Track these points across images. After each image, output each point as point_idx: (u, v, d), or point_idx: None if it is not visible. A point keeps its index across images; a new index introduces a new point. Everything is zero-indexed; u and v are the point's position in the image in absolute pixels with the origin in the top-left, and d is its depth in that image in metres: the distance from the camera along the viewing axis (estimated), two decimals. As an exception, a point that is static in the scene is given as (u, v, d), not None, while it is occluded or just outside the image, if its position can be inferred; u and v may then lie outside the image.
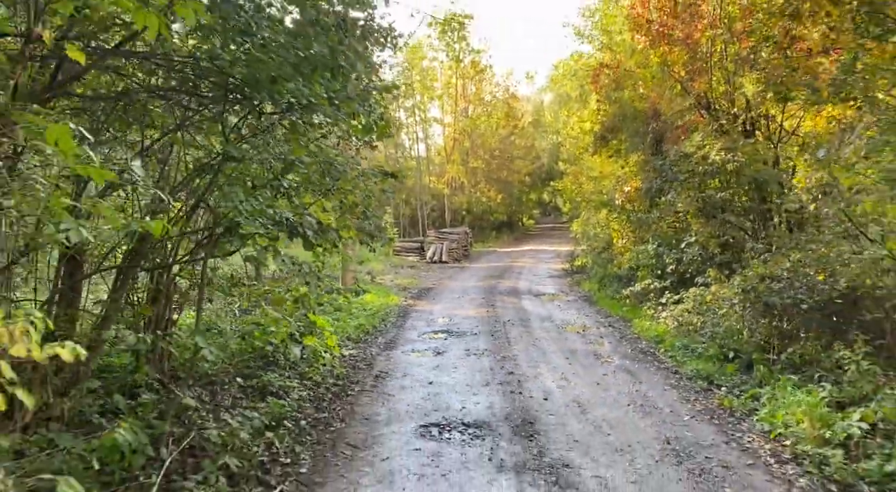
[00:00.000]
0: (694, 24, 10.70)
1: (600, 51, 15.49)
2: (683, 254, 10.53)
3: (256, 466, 5.03)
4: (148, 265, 5.75)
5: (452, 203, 39.02)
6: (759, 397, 6.57)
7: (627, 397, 7.05)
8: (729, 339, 8.26)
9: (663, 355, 8.96)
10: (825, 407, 5.74)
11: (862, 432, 5.17)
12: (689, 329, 9.24)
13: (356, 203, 6.48)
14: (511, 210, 45.73)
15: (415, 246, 28.86)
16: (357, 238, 7.17)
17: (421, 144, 39.90)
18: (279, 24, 5.16)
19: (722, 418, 6.34)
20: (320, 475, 4.97)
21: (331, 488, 4.73)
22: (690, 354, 8.54)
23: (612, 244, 15.71)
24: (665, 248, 11.19)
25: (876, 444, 5.02)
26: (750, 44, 8.54)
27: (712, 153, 9.76)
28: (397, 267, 23.50)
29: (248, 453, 5.15)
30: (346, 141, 6.60)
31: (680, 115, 11.06)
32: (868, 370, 5.98)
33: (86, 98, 5.73)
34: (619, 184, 14.46)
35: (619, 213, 14.26)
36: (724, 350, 8.17)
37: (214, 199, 5.76)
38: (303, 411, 6.47)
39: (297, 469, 5.08)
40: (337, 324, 10.37)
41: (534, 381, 7.69)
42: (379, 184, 7.69)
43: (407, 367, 8.47)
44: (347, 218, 6.71)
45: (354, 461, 5.24)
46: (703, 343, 8.68)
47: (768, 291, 7.58)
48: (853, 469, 4.79)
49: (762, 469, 5.09)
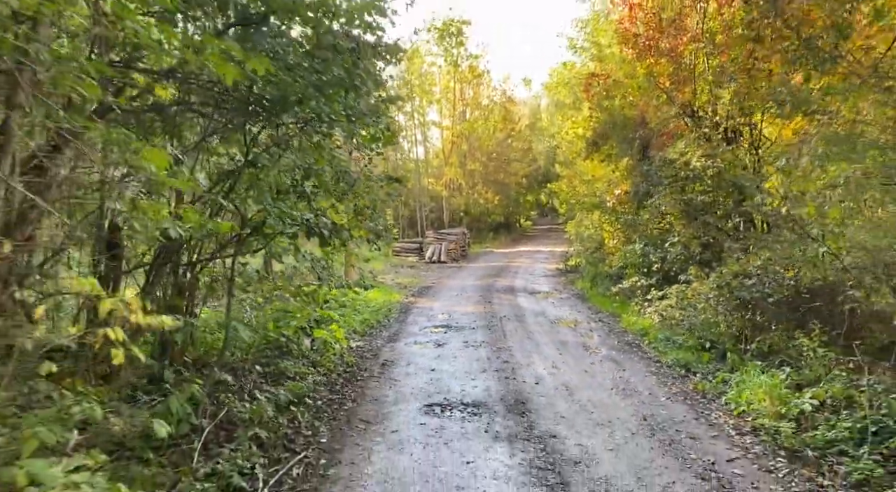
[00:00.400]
0: (678, 38, 11.44)
1: (592, 61, 16.25)
2: (667, 253, 11.28)
3: (282, 436, 5.74)
4: (185, 262, 6.42)
5: (450, 204, 39.75)
6: (729, 381, 7.30)
7: (611, 382, 7.78)
8: (706, 331, 9.01)
9: (647, 347, 9.70)
10: (784, 388, 6.47)
11: (812, 408, 5.90)
12: (672, 323, 9.97)
13: (367, 206, 7.19)
14: (508, 211, 46.50)
15: (414, 246, 29.59)
16: (365, 237, 7.91)
17: (419, 147, 40.68)
18: (301, 48, 5.86)
19: (694, 400, 7.07)
20: (338, 444, 5.68)
21: (348, 453, 5.45)
22: (671, 346, 9.28)
23: (603, 244, 16.46)
24: (651, 247, 11.94)
25: (823, 417, 5.75)
26: (728, 58, 9.27)
27: (693, 159, 10.51)
28: (397, 267, 24.22)
29: (274, 426, 5.87)
30: (360, 152, 7.31)
31: (665, 122, 11.80)
32: (823, 356, 6.72)
33: (125, 111, 6.45)
34: (611, 187, 15.21)
35: (610, 214, 15.01)
36: (702, 341, 8.91)
37: (241, 202, 6.48)
38: (318, 393, 7.18)
39: (318, 439, 5.80)
40: (343, 319, 11.08)
41: (527, 368, 8.41)
42: (385, 188, 8.44)
43: (410, 357, 9.19)
44: (358, 219, 7.43)
45: (367, 433, 5.96)
46: (683, 335, 9.42)
47: (740, 286, 8.33)
48: (801, 438, 5.52)
49: (724, 440, 5.81)
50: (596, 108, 14.52)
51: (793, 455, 5.36)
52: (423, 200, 37.70)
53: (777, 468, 5.14)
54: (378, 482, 4.85)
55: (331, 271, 9.55)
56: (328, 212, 6.74)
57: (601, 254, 16.38)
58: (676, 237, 11.01)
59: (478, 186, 40.93)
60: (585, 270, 17.49)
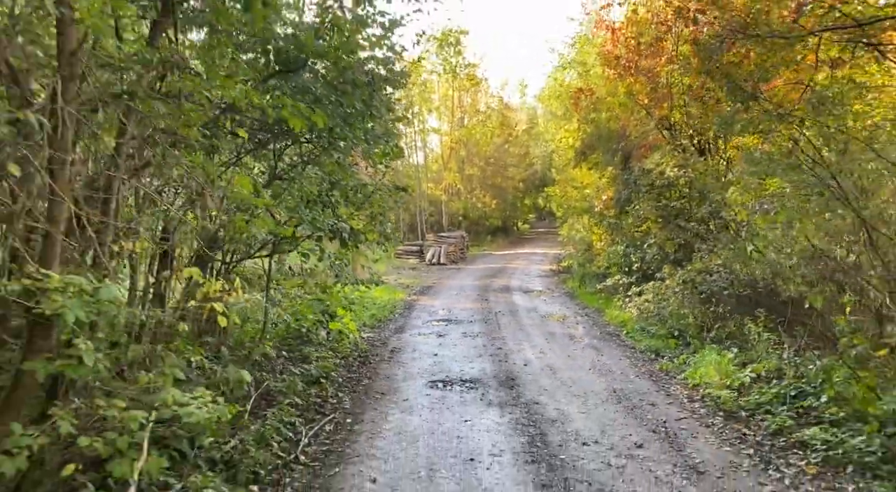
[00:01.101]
0: (655, 60, 12.70)
1: (580, 77, 17.53)
2: (646, 253, 12.54)
3: (313, 404, 6.98)
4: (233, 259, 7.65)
5: (449, 208, 41.02)
6: (688, 362, 8.55)
7: (590, 364, 9.02)
8: (675, 321, 10.27)
9: (625, 336, 10.95)
10: (731, 365, 7.73)
11: (750, 379, 7.17)
12: (647, 315, 11.22)
13: (380, 213, 8.45)
14: (506, 215, 47.77)
15: (415, 249, 30.84)
16: (377, 239, 9.17)
17: (419, 153, 41.92)
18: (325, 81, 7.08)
19: (658, 377, 8.32)
20: (360, 409, 6.93)
21: (369, 415, 6.69)
22: (646, 335, 10.53)
23: (592, 246, 17.72)
24: (632, 248, 13.20)
25: (757, 386, 7.00)
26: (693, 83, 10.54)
27: (668, 170, 11.77)
28: (399, 268, 25.44)
29: (306, 396, 7.10)
30: (375, 168, 8.57)
31: (644, 135, 13.06)
32: (766, 339, 7.98)
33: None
34: (598, 193, 16.47)
35: (597, 218, 16.27)
36: (671, 330, 10.16)
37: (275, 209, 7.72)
38: (338, 372, 8.42)
39: (343, 406, 7.04)
40: (353, 314, 12.30)
41: (517, 354, 9.66)
42: (392, 195, 9.70)
43: (415, 345, 10.43)
44: (371, 224, 8.68)
45: (383, 401, 7.20)
46: (656, 326, 10.67)
47: (703, 282, 9.60)
48: (738, 402, 6.77)
49: (677, 405, 7.06)
50: (583, 121, 15.80)
51: (729, 415, 6.60)
52: (423, 205, 38.92)
53: (714, 424, 6.39)
54: (394, 434, 6.10)
55: (346, 270, 10.73)
56: (347, 218, 7.99)
57: (590, 255, 17.65)
58: (653, 239, 12.26)
59: (476, 190, 42.22)
60: (575, 271, 18.76)
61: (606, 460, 5.42)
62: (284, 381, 7.39)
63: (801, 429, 5.82)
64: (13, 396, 3.57)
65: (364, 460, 5.48)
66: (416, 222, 37.97)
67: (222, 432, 5.02)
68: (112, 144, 4.45)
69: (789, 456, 5.46)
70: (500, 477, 5.09)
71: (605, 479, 5.04)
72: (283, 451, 5.53)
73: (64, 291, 3.26)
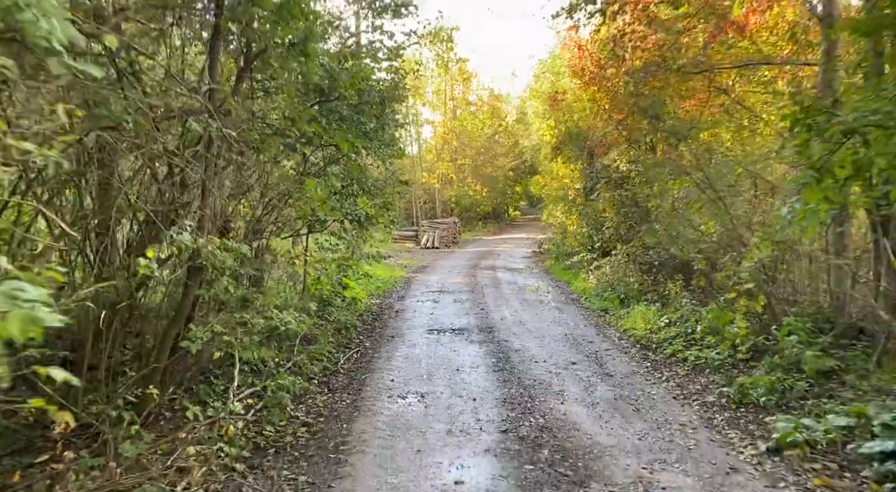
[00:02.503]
0: (615, 71, 15.18)
1: (552, 85, 20.01)
2: (604, 234, 15.10)
3: (343, 343, 9.52)
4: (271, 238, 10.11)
5: (443, 196, 43.49)
6: (625, 315, 11.14)
7: (551, 319, 11.59)
8: (622, 287, 12.85)
9: (584, 301, 13.54)
10: (653, 316, 10.32)
11: (663, 324, 9.75)
12: (603, 284, 13.80)
13: (389, 202, 10.95)
14: (496, 202, 50.24)
15: (410, 234, 33.35)
16: (386, 222, 11.68)
17: (414, 145, 44.29)
18: (351, 105, 9.52)
19: (601, 327, 10.90)
20: (377, 345, 9.48)
21: (384, 349, 9.24)
22: (599, 298, 13.12)
23: (566, 230, 20.29)
24: (594, 230, 15.75)
25: (666, 328, 9.59)
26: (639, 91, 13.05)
27: (622, 165, 14.30)
28: (397, 251, 27.92)
29: (337, 338, 9.64)
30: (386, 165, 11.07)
31: (605, 136, 15.56)
32: (680, 294, 10.56)
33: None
34: (571, 184, 18.99)
35: (570, 206, 18.81)
36: (619, 294, 12.75)
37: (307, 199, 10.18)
38: (356, 325, 10.96)
39: (364, 344, 9.60)
40: (362, 286, 14.82)
41: (496, 312, 12.23)
42: (397, 187, 12.19)
43: (415, 307, 12.98)
44: (381, 211, 11.18)
45: (393, 342, 9.75)
46: (608, 292, 13.26)
47: (642, 255, 12.17)
48: (650, 338, 9.36)
49: (608, 342, 9.65)
50: (558, 121, 18.28)
51: (642, 346, 9.20)
52: (418, 193, 41.34)
53: (630, 352, 8.98)
54: (403, 358, 8.66)
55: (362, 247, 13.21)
56: (363, 206, 10.48)
57: (564, 237, 20.22)
58: (610, 222, 14.82)
59: (468, 179, 44.68)
60: (552, 251, 21.34)
61: (549, 370, 8.00)
62: (319, 328, 9.93)
63: (685, 351, 8.41)
64: (182, 308, 6.06)
65: (384, 371, 8.04)
66: (412, 209, 40.41)
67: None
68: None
69: (672, 367, 8.06)
70: (476, 378, 7.66)
71: (546, 378, 7.62)
72: (328, 365, 8.09)
73: (220, 248, 5.74)
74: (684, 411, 6.37)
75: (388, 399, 6.87)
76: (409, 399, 6.86)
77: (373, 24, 10.09)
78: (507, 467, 5.03)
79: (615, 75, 14.80)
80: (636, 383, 7.46)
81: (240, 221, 9.24)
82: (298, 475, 4.92)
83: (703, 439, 5.59)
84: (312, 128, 6.86)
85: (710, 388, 7.05)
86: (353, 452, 5.40)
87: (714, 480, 4.75)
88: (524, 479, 4.80)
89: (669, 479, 4.77)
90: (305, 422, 6.11)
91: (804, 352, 6.42)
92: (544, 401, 6.73)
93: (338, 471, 5.01)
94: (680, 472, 4.90)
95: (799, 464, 4.91)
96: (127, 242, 6.06)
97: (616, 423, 6.04)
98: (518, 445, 5.49)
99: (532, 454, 5.28)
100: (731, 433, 5.71)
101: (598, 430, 5.85)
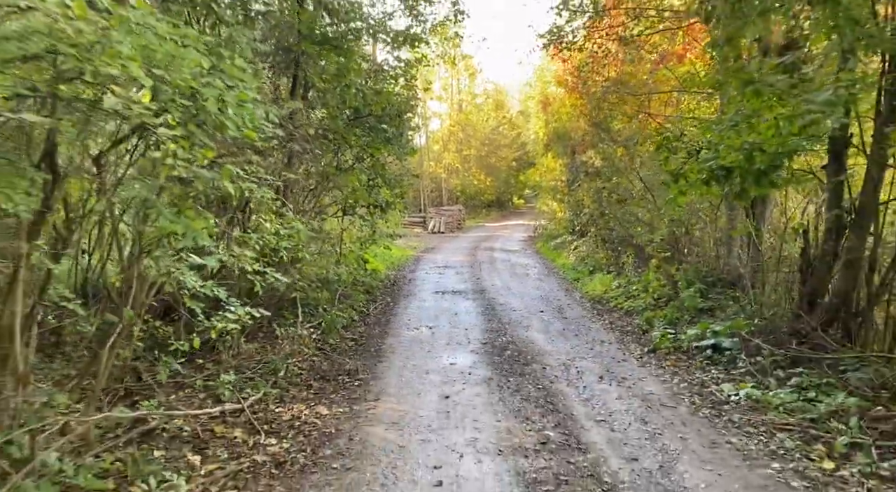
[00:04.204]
0: (593, 81, 18.05)
1: (541, 92, 22.88)
2: (582, 219, 18.06)
3: (370, 299, 12.57)
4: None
5: (449, 185, 46.45)
6: (588, 282, 14.14)
7: (533, 286, 14.61)
8: (591, 261, 15.84)
9: (562, 273, 16.55)
10: (609, 281, 13.32)
11: (615, 287, 12.75)
12: (578, 260, 16.79)
13: (404, 192, 13.95)
14: (500, 191, 53.14)
15: (418, 221, 36.37)
16: (401, 208, 14.69)
17: (422, 136, 47.15)
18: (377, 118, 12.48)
19: (570, 291, 13.92)
20: (396, 301, 12.54)
21: (401, 303, 12.29)
22: (574, 271, 16.13)
23: (555, 216, 23.25)
24: (574, 216, 18.70)
25: (616, 289, 12.59)
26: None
27: (596, 162, 17.23)
28: (406, 236, 30.96)
29: (363, 297, 12.68)
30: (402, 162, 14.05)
31: (583, 136, 18.46)
32: (630, 264, 13.54)
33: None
34: (559, 176, 21.91)
35: (559, 195, 21.76)
36: (589, 267, 15.74)
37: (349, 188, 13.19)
38: (379, 289, 14.01)
39: (386, 299, 12.66)
40: (379, 262, 17.85)
41: (488, 280, 15.26)
42: (410, 181, 15.18)
43: (424, 277, 16.03)
44: (398, 198, 14.17)
45: (408, 299, 12.80)
46: (581, 266, 16.25)
47: (606, 235, 15.15)
48: (602, 296, 12.37)
49: (571, 300, 12.66)
50: (548, 122, 21.17)
51: (596, 302, 12.22)
52: (426, 182, 44.28)
53: (585, 305, 12.00)
54: (416, 307, 11.71)
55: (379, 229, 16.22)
56: (385, 195, 13.47)
57: (553, 223, 23.19)
58: (587, 209, 17.78)
59: (472, 169, 47.59)
60: (542, 235, 24.34)
61: (522, 315, 11.02)
62: (353, 288, 12.97)
63: (623, 302, 11.42)
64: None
65: (402, 315, 11.10)
66: (420, 197, 43.39)
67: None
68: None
69: (611, 313, 11.09)
70: (469, 318, 10.70)
71: (518, 319, 10.63)
72: (363, 310, 11.16)
73: (301, 224, 8.75)
74: (607, 336, 9.40)
75: (407, 329, 9.94)
76: (421, 329, 9.92)
77: (391, 54, 13.00)
78: (483, 358, 8.09)
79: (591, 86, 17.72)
80: (582, 322, 10.49)
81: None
82: (354, 363, 7.97)
83: (612, 348, 8.62)
84: (351, 137, 9.84)
85: (631, 323, 10.07)
86: (386, 353, 8.46)
87: (609, 364, 7.77)
88: (492, 363, 7.85)
89: (582, 364, 7.80)
90: (353, 338, 9.19)
91: (690, 296, 9.43)
92: (514, 331, 9.76)
93: (378, 360, 8.07)
94: (589, 360, 7.93)
95: (664, 356, 7.93)
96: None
97: (559, 341, 9.07)
98: (491, 349, 8.54)
99: (500, 354, 8.32)
100: (631, 345, 8.74)
101: (546, 344, 8.89)
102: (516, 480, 4.56)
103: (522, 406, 6.20)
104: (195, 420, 5.68)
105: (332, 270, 11.11)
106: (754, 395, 6.08)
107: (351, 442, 5.32)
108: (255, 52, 6.85)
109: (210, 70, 4.51)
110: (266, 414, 6.02)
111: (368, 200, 12.56)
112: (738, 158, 5.95)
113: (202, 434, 5.50)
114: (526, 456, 4.97)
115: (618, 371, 7.45)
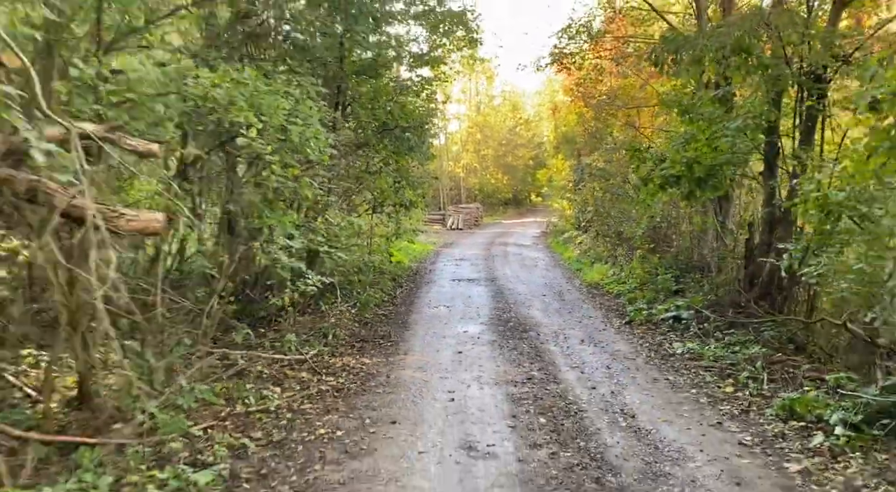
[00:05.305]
0: (597, 91, 19.86)
1: (549, 99, 24.69)
2: (586, 216, 19.87)
3: (396, 285, 14.54)
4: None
5: (467, 184, 48.36)
6: (588, 272, 15.98)
7: (539, 275, 16.49)
8: (592, 254, 17.67)
9: (566, 265, 18.40)
10: (606, 271, 15.16)
11: (610, 274, 14.59)
12: (582, 253, 18.62)
13: (425, 192, 15.91)
14: (516, 189, 54.94)
15: (437, 218, 38.33)
16: (422, 206, 16.65)
17: (441, 137, 49.09)
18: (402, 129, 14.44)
19: (571, 279, 15.78)
20: (418, 286, 14.52)
21: (423, 290, 14.26)
22: (577, 263, 17.97)
23: (564, 214, 25.07)
24: (580, 213, 20.52)
25: (609, 276, 14.42)
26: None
27: (599, 164, 19.04)
28: (426, 232, 32.95)
29: (391, 284, 14.66)
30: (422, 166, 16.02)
31: (586, 140, 20.26)
32: (623, 255, 15.36)
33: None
34: (567, 176, 23.73)
35: (567, 194, 23.58)
36: (590, 259, 17.57)
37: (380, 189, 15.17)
38: (403, 276, 15.99)
39: (409, 286, 14.64)
40: (403, 253, 19.84)
41: (500, 271, 17.17)
42: (430, 182, 17.15)
43: (443, 268, 17.99)
44: (419, 198, 16.12)
45: (429, 285, 14.77)
46: (585, 257, 18.08)
47: (605, 230, 16.97)
48: (598, 283, 14.22)
49: (571, 286, 14.53)
50: (557, 126, 22.98)
51: (592, 287, 14.08)
52: (445, 181, 46.24)
53: (582, 290, 13.87)
54: (436, 292, 13.67)
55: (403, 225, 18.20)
56: (409, 195, 15.43)
57: (563, 220, 25.02)
58: (590, 207, 19.59)
59: (490, 168, 49.44)
60: (552, 231, 26.17)
61: (526, 297, 12.92)
62: (381, 276, 14.96)
63: (615, 288, 13.26)
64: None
65: (424, 297, 13.06)
66: (439, 196, 45.36)
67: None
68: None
69: (603, 296, 12.95)
70: (480, 301, 12.62)
71: (523, 300, 12.53)
72: (390, 293, 13.15)
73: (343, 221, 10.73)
74: (595, 313, 11.27)
75: (428, 307, 11.90)
76: (440, 308, 11.88)
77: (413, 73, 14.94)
78: (490, 328, 10.02)
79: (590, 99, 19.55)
80: (576, 303, 12.36)
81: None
82: (386, 330, 9.94)
83: (597, 321, 10.49)
84: (380, 146, 11.83)
85: (617, 303, 11.93)
86: (411, 324, 10.43)
87: (591, 332, 9.65)
88: (497, 331, 9.78)
89: (570, 332, 9.68)
90: (384, 314, 11.19)
91: (664, 279, 11.26)
92: (518, 309, 11.67)
93: (405, 329, 10.05)
94: (577, 330, 9.81)
95: (636, 326, 9.80)
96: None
97: (554, 317, 10.96)
98: (497, 322, 10.47)
99: (504, 325, 10.24)
100: (613, 319, 10.61)
101: (543, 318, 10.78)
102: (506, 398, 6.50)
103: (517, 358, 8.13)
104: (271, 366, 7.69)
105: (366, 258, 13.10)
106: (695, 349, 7.94)
107: (388, 379, 7.30)
108: (318, 94, 8.83)
109: (292, 111, 6.54)
110: (323, 363, 8.02)
111: (395, 200, 14.53)
112: (682, 169, 7.80)
113: (277, 375, 7.51)
114: (515, 385, 6.90)
115: (597, 337, 9.33)
